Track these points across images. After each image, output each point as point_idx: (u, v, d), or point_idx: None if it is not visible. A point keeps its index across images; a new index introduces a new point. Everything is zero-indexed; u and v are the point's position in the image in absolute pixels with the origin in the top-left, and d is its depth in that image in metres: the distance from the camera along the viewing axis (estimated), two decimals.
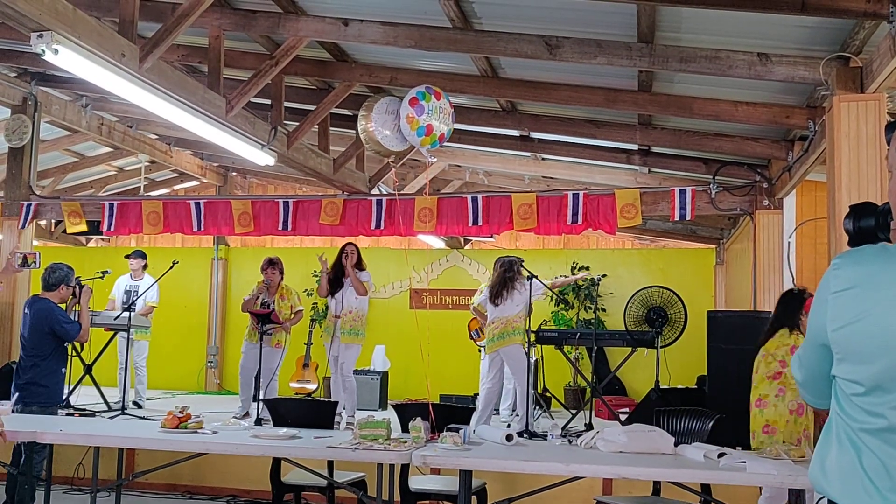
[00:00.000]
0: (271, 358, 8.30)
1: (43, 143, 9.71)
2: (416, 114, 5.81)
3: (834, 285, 1.76)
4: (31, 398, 5.46)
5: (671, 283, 8.81)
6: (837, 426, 1.76)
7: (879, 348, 1.65)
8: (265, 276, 8.49)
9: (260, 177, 13.39)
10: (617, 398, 10.12)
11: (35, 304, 5.64)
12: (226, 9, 6.20)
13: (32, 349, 5.55)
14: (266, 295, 8.48)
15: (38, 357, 5.54)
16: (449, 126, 6.26)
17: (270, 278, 8.47)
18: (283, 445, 4.34)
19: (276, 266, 8.54)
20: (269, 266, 8.51)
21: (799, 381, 2.01)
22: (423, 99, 5.86)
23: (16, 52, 7.85)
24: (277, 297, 8.51)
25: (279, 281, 8.56)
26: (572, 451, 4.34)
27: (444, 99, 6.15)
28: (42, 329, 5.54)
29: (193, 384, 12.42)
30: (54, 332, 5.54)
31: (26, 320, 5.62)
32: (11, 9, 4.29)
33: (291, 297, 8.63)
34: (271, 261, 8.58)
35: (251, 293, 8.61)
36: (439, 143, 6.29)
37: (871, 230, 1.87)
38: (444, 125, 6.19)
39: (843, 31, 4.55)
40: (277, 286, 8.55)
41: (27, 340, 5.58)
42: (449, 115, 6.29)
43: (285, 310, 8.47)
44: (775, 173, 7.27)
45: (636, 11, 4.87)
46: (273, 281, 8.48)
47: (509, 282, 7.79)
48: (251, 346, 8.38)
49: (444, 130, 6.20)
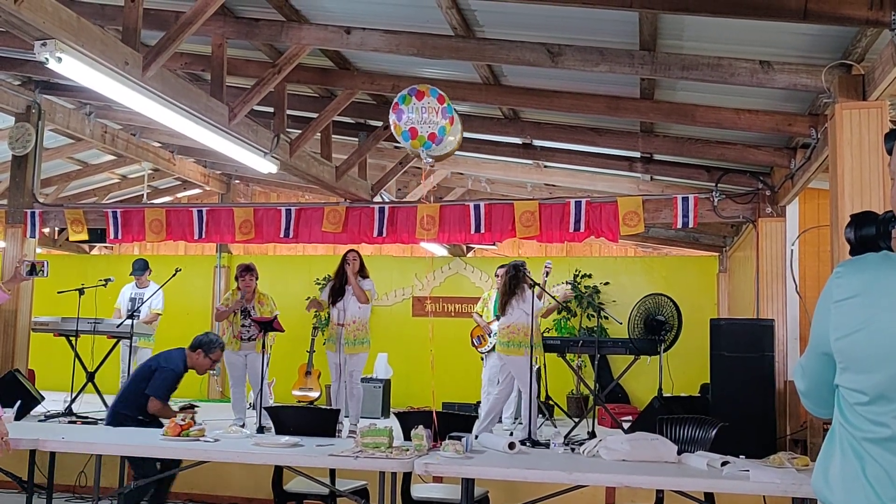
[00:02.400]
0: (259, 363, 8.25)
1: (46, 151, 9.74)
2: (397, 119, 5.72)
3: (836, 294, 1.75)
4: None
5: (674, 290, 8.79)
6: (840, 435, 1.76)
7: (883, 357, 1.65)
8: (242, 282, 8.38)
9: (263, 184, 13.41)
10: (620, 406, 10.10)
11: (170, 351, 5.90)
12: (229, 17, 6.22)
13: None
14: (243, 302, 8.38)
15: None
16: (440, 123, 6.00)
17: (248, 285, 8.38)
18: (285, 453, 4.33)
19: (253, 273, 8.47)
20: (247, 273, 8.42)
21: (801, 390, 2.01)
22: (403, 102, 5.71)
23: (20, 60, 7.88)
24: (256, 303, 8.46)
25: (255, 287, 8.51)
26: (575, 459, 4.33)
27: (430, 97, 5.91)
28: (148, 366, 5.81)
29: (196, 392, 12.40)
30: (151, 378, 5.72)
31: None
32: (16, 17, 4.30)
33: (269, 302, 8.57)
34: (247, 267, 8.49)
35: (225, 304, 8.54)
36: (433, 144, 6.05)
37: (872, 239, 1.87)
38: (429, 125, 5.95)
39: (845, 38, 4.55)
40: (254, 292, 8.48)
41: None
42: (437, 112, 5.99)
43: (266, 314, 8.42)
44: (778, 181, 7.27)
45: (638, 19, 4.87)
46: (250, 287, 8.41)
47: (516, 287, 7.79)
48: (236, 354, 8.34)
49: (431, 130, 5.94)
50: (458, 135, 6.09)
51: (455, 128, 6.02)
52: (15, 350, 8.49)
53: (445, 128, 5.97)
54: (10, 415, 5.36)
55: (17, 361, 8.50)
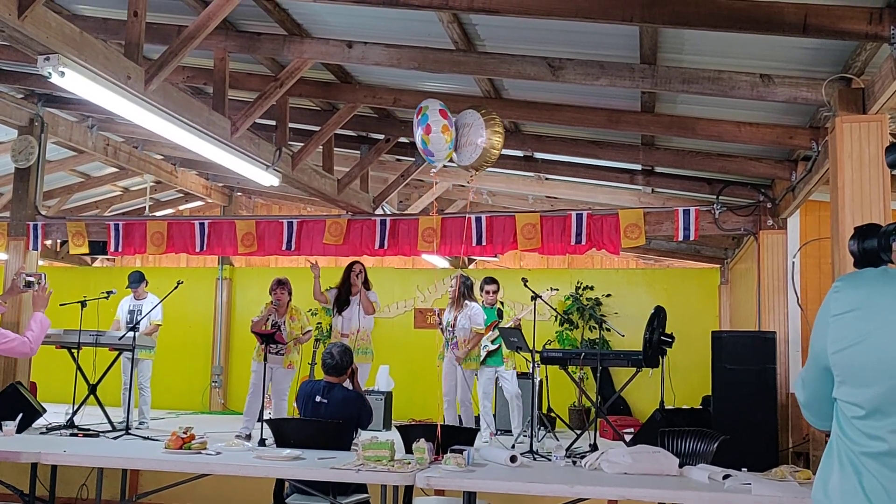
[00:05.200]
0: (285, 379, 8.30)
1: (49, 163, 9.76)
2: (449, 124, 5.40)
3: (834, 308, 1.77)
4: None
5: (675, 302, 8.81)
6: (839, 448, 1.76)
7: (879, 371, 1.66)
8: (274, 296, 8.41)
9: (265, 197, 13.44)
10: (622, 418, 10.08)
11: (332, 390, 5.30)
12: (231, 31, 6.25)
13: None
14: (276, 316, 8.45)
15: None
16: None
17: (280, 299, 8.39)
18: (287, 466, 4.33)
19: (286, 287, 8.47)
20: (279, 287, 8.44)
21: (802, 402, 2.02)
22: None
23: (23, 73, 7.92)
24: (287, 318, 8.47)
25: (288, 301, 8.50)
26: (577, 472, 4.32)
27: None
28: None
29: (198, 404, 12.40)
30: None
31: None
32: (20, 32, 4.34)
33: (301, 317, 8.59)
34: (280, 281, 8.50)
35: (260, 314, 8.57)
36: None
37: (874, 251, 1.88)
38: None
39: (845, 52, 4.57)
40: (286, 307, 8.48)
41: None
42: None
43: (296, 330, 8.43)
44: (779, 193, 7.27)
45: (638, 33, 4.89)
46: (282, 301, 8.41)
47: (462, 297, 8.43)
48: (261, 365, 8.35)
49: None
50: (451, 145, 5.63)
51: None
52: (17, 362, 8.49)
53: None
54: (12, 427, 5.35)
55: (18, 374, 8.50)
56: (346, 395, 5.30)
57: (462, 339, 8.43)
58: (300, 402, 5.34)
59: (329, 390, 5.25)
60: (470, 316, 8.43)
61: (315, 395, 5.25)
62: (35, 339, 4.84)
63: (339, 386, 5.32)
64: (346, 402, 5.23)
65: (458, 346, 8.44)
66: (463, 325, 8.40)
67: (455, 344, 8.45)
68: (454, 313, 8.48)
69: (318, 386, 5.32)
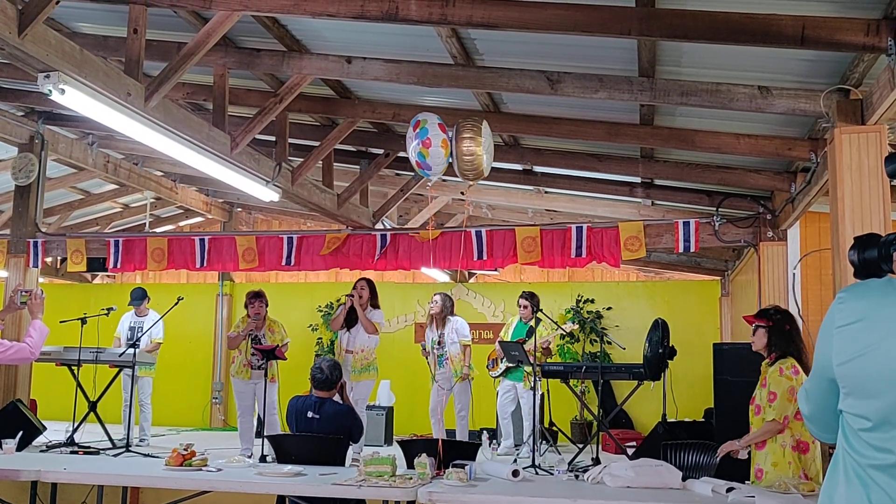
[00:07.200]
0: (271, 392, 8.25)
1: (49, 180, 9.78)
2: (448, 139, 5.37)
3: (839, 319, 1.76)
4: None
5: (676, 315, 8.81)
6: (845, 461, 1.75)
7: (885, 382, 1.65)
8: (252, 309, 8.34)
9: (265, 212, 13.45)
10: (624, 432, 10.05)
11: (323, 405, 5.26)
12: (230, 48, 6.27)
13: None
14: (255, 330, 8.37)
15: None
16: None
17: (258, 312, 8.33)
18: (288, 482, 4.31)
19: (263, 299, 8.42)
20: (256, 299, 8.38)
21: (806, 414, 2.00)
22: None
23: (23, 91, 7.94)
24: (267, 331, 8.43)
25: (265, 314, 8.47)
26: (579, 486, 4.31)
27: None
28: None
29: (198, 420, 12.37)
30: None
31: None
32: (20, 50, 4.35)
33: (280, 329, 8.55)
34: (257, 294, 8.45)
35: (236, 330, 8.50)
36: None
37: (874, 261, 1.88)
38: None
39: (843, 63, 4.59)
40: (264, 319, 8.44)
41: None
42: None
43: (277, 342, 8.40)
44: (779, 205, 7.28)
45: (637, 46, 4.91)
46: (260, 314, 8.37)
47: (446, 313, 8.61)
48: (245, 383, 8.32)
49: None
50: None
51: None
52: (17, 380, 8.48)
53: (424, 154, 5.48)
54: (12, 445, 5.33)
55: (19, 391, 8.48)
56: (338, 409, 5.29)
57: (454, 354, 8.48)
58: (291, 419, 5.32)
59: (320, 405, 5.24)
60: (456, 329, 8.55)
61: (307, 411, 5.23)
62: (35, 345, 4.88)
63: (330, 401, 5.30)
64: (338, 417, 5.22)
65: (451, 361, 8.49)
66: (452, 340, 8.45)
67: (447, 359, 8.52)
68: (438, 331, 8.54)
69: (308, 401, 5.29)
